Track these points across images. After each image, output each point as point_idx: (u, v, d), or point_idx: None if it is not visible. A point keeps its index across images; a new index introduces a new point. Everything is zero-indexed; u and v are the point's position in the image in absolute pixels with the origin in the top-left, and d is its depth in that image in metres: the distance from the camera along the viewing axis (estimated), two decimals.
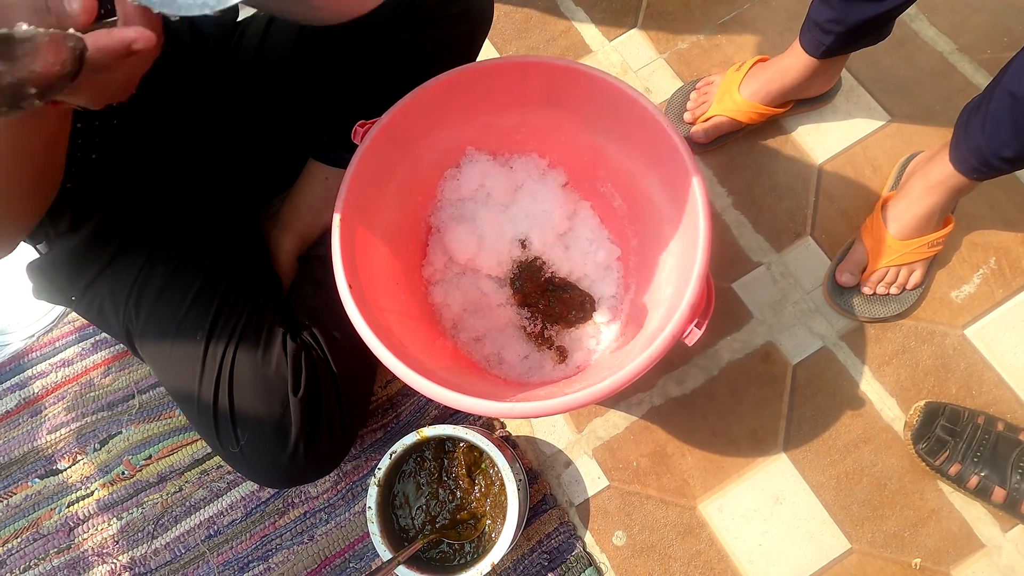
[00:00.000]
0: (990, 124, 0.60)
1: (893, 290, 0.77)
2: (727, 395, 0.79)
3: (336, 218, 0.54)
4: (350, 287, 0.52)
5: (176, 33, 0.62)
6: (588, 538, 0.75)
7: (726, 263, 0.84)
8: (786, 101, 0.84)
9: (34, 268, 0.66)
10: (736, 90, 0.83)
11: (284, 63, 0.66)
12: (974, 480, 0.69)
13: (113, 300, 0.63)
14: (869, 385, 0.78)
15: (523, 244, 0.73)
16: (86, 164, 0.57)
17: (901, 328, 0.79)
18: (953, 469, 0.70)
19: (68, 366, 0.86)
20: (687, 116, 0.88)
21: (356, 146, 0.65)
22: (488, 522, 0.67)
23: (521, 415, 0.48)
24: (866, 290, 0.78)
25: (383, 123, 0.57)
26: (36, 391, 0.85)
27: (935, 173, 0.70)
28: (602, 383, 0.47)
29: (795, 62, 0.78)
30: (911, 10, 0.92)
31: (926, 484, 0.73)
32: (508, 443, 0.78)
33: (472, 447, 0.68)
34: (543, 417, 0.67)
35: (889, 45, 0.79)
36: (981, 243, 0.82)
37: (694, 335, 0.49)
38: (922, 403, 0.74)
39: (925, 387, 0.77)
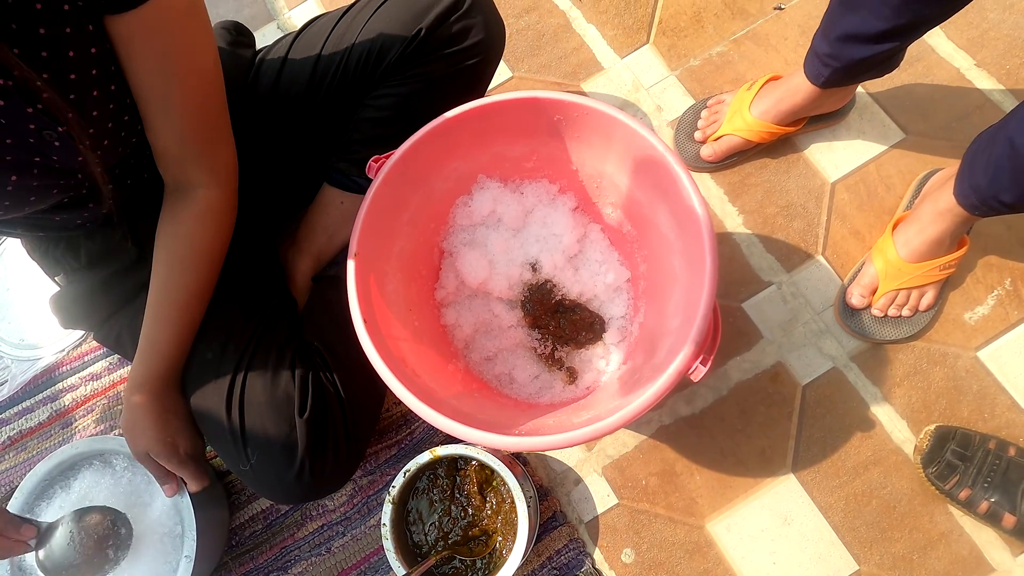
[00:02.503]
0: (992, 168, 0.60)
1: (905, 312, 0.77)
2: (736, 415, 0.79)
3: (351, 254, 0.56)
4: (365, 322, 0.53)
5: None
6: (597, 555, 0.77)
7: (736, 283, 0.84)
8: (798, 119, 0.84)
9: (54, 302, 0.69)
10: (747, 109, 0.83)
11: (300, 98, 0.68)
12: (984, 505, 0.69)
13: (131, 330, 0.66)
14: (879, 407, 0.78)
15: (533, 267, 0.74)
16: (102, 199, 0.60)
17: (913, 350, 0.79)
18: (963, 494, 0.70)
19: (97, 380, 0.89)
20: (698, 135, 0.88)
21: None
22: (499, 539, 0.69)
23: (528, 449, 0.49)
24: (876, 312, 0.78)
25: (396, 158, 0.59)
26: (67, 404, 0.89)
27: (943, 200, 0.70)
28: (608, 419, 0.48)
29: (805, 82, 0.78)
30: None
31: (936, 507, 0.74)
32: (519, 460, 0.80)
33: (483, 465, 0.70)
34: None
35: (905, 61, 0.77)
36: (997, 264, 0.81)
37: (699, 372, 0.50)
38: (933, 426, 0.74)
39: (936, 410, 0.77)
